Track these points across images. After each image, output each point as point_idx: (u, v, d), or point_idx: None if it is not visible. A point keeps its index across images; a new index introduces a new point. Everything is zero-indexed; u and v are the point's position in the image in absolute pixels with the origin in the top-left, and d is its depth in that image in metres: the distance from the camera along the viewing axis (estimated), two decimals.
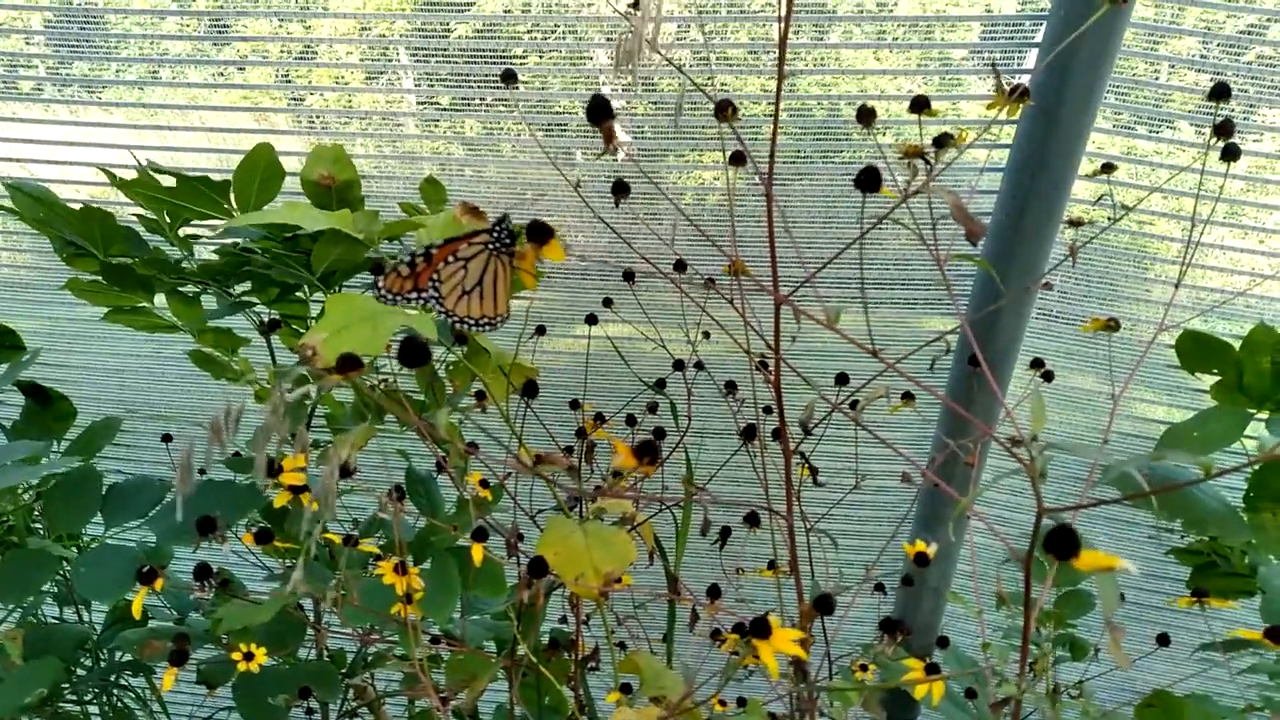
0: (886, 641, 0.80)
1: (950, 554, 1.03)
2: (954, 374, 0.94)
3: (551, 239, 0.51)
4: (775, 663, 0.56)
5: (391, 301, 0.62)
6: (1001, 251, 0.81)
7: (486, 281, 0.60)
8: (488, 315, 0.62)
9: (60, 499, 0.93)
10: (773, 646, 0.56)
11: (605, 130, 0.47)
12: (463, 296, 0.61)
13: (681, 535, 0.96)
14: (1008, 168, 0.87)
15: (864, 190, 0.47)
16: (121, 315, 1.03)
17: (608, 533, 0.83)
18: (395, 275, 0.61)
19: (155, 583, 0.69)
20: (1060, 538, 0.39)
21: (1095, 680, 0.97)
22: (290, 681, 1.00)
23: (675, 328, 0.96)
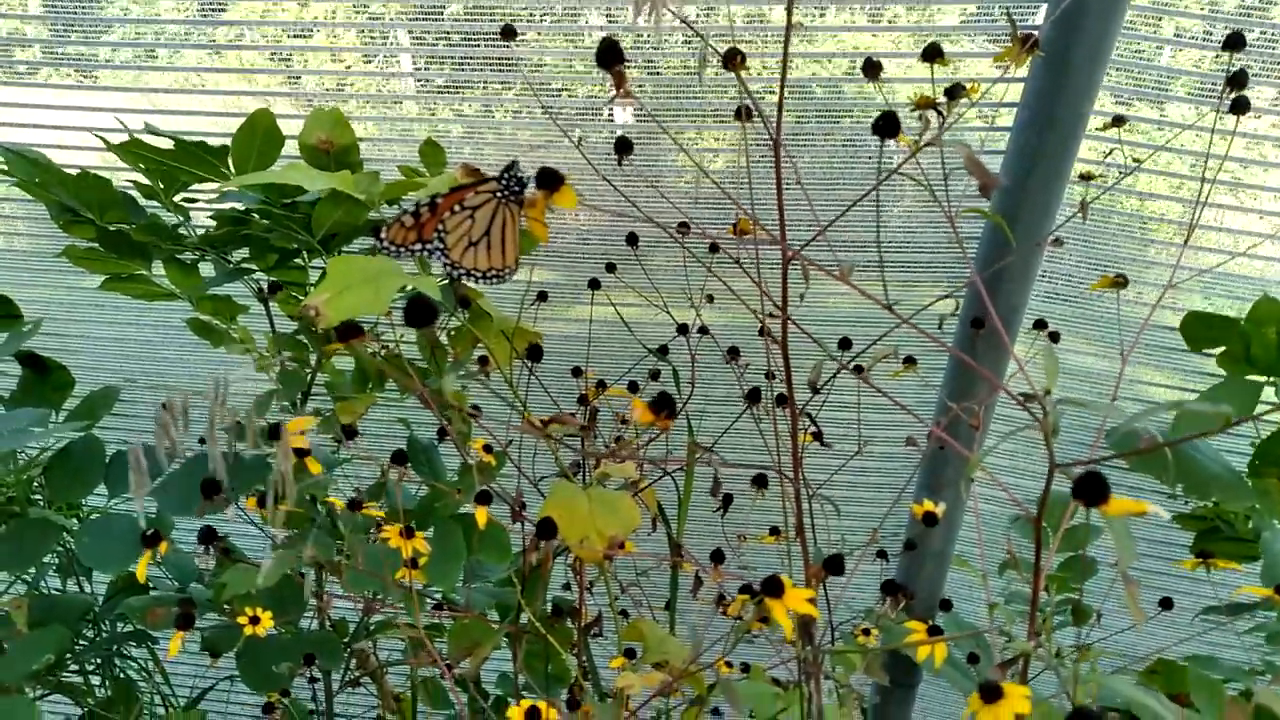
0: (889, 604, 0.80)
1: (953, 520, 1.03)
2: (958, 337, 0.93)
3: (562, 185, 0.50)
4: (788, 621, 0.56)
5: (395, 254, 0.61)
6: (1007, 213, 0.80)
7: (494, 232, 0.59)
8: (495, 267, 0.60)
9: (62, 469, 0.92)
10: (785, 605, 0.56)
11: (616, 75, 0.46)
12: (469, 248, 0.59)
13: (684, 501, 0.96)
14: (1015, 127, 0.86)
15: (883, 136, 0.46)
16: (119, 283, 1.02)
17: (612, 497, 0.83)
18: (398, 226, 0.59)
19: (160, 546, 0.69)
20: (1089, 484, 0.39)
21: (1096, 645, 0.97)
22: (293, 650, 1.00)
23: (679, 293, 0.96)
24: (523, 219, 0.58)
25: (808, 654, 0.76)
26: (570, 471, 0.94)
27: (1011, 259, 0.82)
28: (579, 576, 0.98)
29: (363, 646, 1.04)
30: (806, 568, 0.66)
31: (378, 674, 1.19)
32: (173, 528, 1.13)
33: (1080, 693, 0.63)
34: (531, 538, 0.65)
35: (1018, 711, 0.48)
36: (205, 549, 0.68)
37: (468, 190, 0.58)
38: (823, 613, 1.01)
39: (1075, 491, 0.39)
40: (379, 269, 0.70)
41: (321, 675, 1.11)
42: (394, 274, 0.71)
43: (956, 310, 0.88)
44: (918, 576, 1.05)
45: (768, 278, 0.64)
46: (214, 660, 1.04)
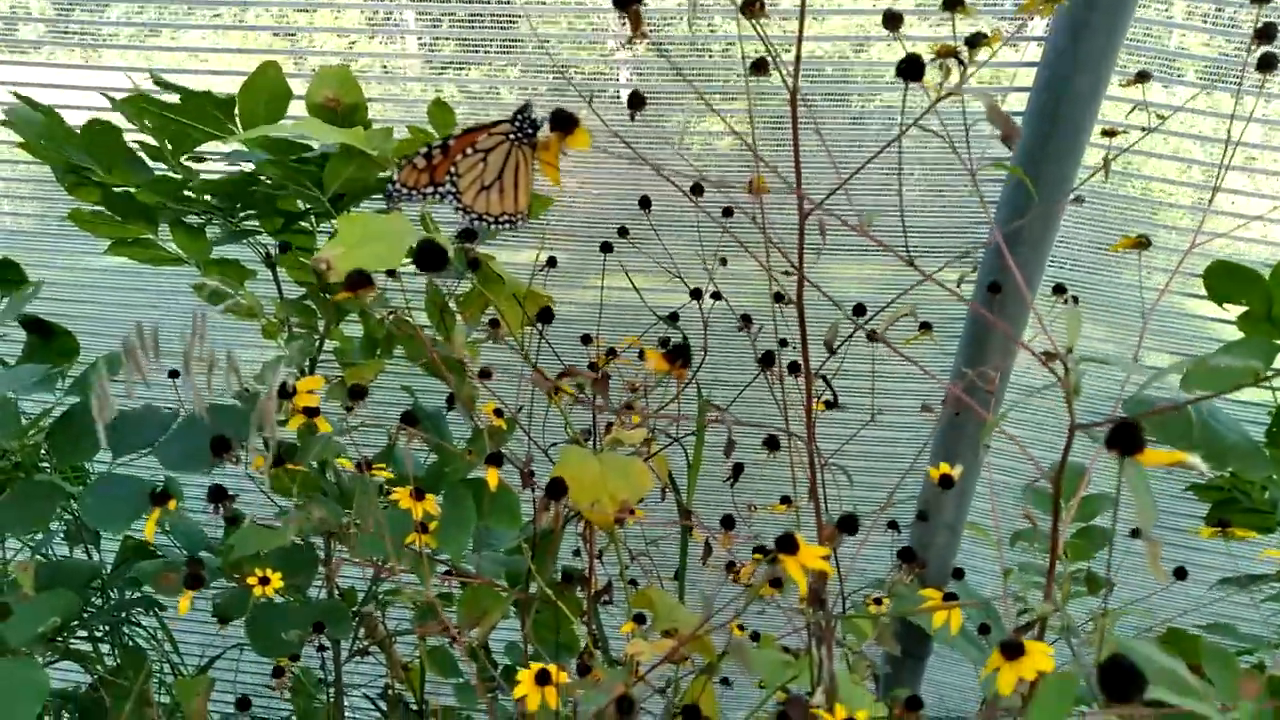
0: (903, 570, 0.79)
1: (966, 491, 1.02)
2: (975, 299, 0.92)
3: (577, 127, 0.49)
4: (803, 577, 0.55)
5: (406, 197, 0.60)
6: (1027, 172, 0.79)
7: (507, 175, 0.57)
8: (508, 212, 0.59)
9: (66, 432, 0.92)
10: (800, 562, 0.55)
11: (632, 15, 0.45)
12: (481, 192, 0.58)
13: (694, 468, 0.95)
14: (1034, 87, 0.85)
15: (907, 79, 0.45)
16: (125, 248, 1.01)
17: (623, 462, 0.82)
18: (410, 168, 0.58)
19: (169, 504, 0.68)
20: (1123, 433, 0.38)
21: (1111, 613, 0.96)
22: (302, 617, 1.00)
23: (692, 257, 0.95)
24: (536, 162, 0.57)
25: (820, 618, 0.75)
26: (580, 438, 0.94)
27: (1031, 217, 0.80)
28: (588, 545, 0.97)
29: (370, 611, 1.03)
30: (819, 529, 0.65)
31: (386, 643, 1.18)
32: (182, 497, 1.13)
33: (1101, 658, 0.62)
34: (542, 498, 0.64)
35: (1040, 669, 0.47)
36: (215, 508, 0.68)
37: (480, 132, 0.57)
38: (834, 582, 1.01)
39: (1109, 442, 0.38)
40: (391, 225, 0.69)
41: (330, 644, 1.11)
42: (406, 230, 0.70)
43: (974, 271, 0.87)
44: (930, 547, 1.05)
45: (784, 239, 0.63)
46: (223, 626, 1.04)
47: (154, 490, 0.68)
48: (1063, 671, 0.47)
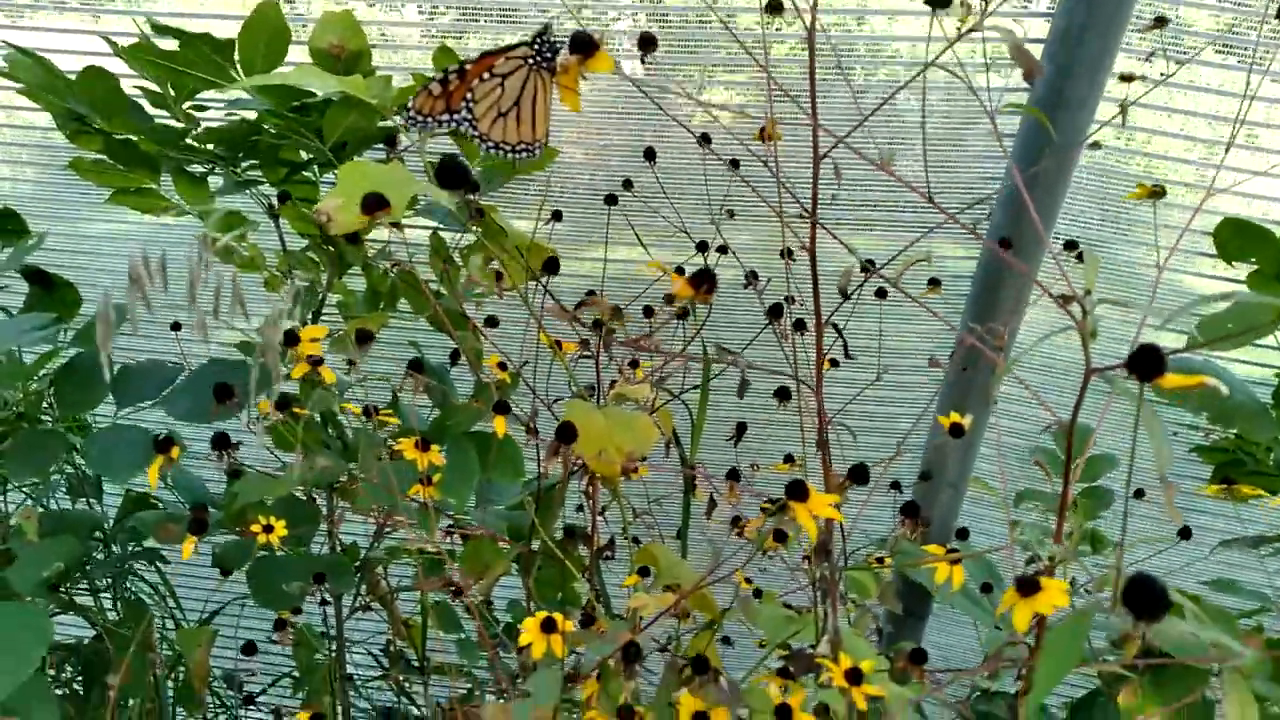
0: (907, 526, 0.79)
1: (970, 449, 1.02)
2: (986, 255, 0.91)
3: (597, 51, 0.48)
4: (813, 524, 0.55)
5: (422, 125, 0.58)
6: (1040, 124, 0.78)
7: (524, 102, 0.56)
8: (525, 140, 0.58)
9: (69, 381, 0.91)
10: (810, 509, 0.55)
11: None
12: (498, 119, 0.57)
13: (699, 422, 0.95)
14: (1048, 39, 0.84)
15: (934, 6, 0.44)
16: (127, 197, 1.00)
17: (628, 415, 0.81)
18: (425, 94, 0.57)
19: (172, 451, 0.68)
20: (1145, 357, 0.37)
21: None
22: (304, 570, 1.00)
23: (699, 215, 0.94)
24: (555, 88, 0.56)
25: (826, 570, 0.75)
26: (585, 393, 0.93)
27: (1046, 164, 0.79)
28: (592, 500, 0.97)
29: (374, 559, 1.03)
30: (827, 479, 0.65)
31: (388, 599, 1.19)
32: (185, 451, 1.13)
33: None
34: (551, 442, 0.64)
35: (1056, 604, 0.47)
36: (219, 455, 0.67)
37: (498, 56, 0.55)
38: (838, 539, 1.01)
39: (1130, 365, 0.38)
40: (392, 175, 0.68)
41: (332, 600, 1.11)
42: (407, 180, 0.69)
43: (988, 217, 0.86)
44: (933, 507, 1.05)
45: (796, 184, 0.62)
46: (224, 577, 1.04)
47: (157, 437, 0.68)
48: (1078, 611, 0.47)
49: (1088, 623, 0.47)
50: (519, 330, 0.94)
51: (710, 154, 0.69)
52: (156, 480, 0.68)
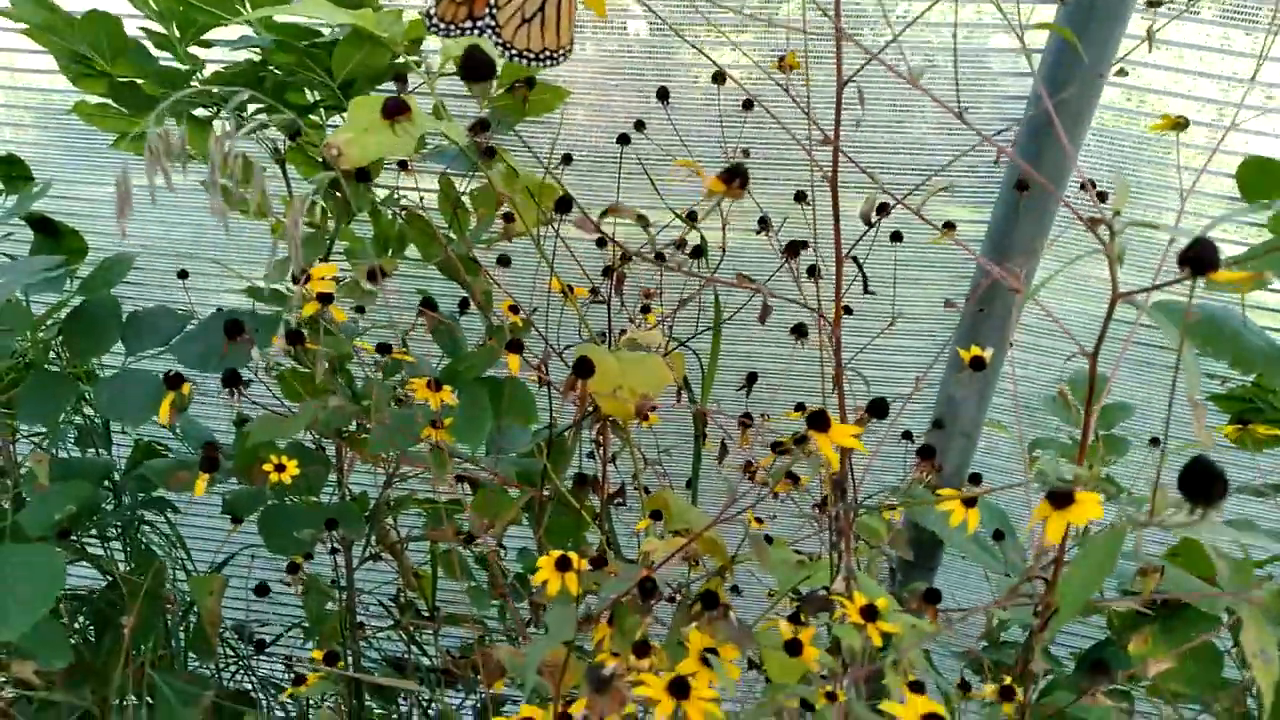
0: (922, 468, 0.79)
1: (984, 396, 1.01)
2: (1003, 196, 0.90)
3: None
4: (834, 454, 0.54)
5: (445, 33, 0.57)
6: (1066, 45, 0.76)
7: (549, 8, 0.55)
8: (549, 48, 0.56)
9: (79, 326, 0.91)
10: (831, 439, 0.54)
11: None
12: (522, 25, 0.55)
13: (710, 369, 0.94)
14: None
15: None
16: (131, 143, 0.99)
17: (640, 357, 0.81)
18: (448, 1, 0.56)
19: (183, 388, 0.67)
20: (1200, 251, 0.36)
21: None
22: (314, 517, 1.00)
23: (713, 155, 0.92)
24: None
25: (841, 509, 0.75)
26: (597, 339, 0.92)
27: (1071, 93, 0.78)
28: (603, 447, 0.97)
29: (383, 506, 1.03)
30: (842, 413, 0.64)
31: (397, 549, 1.19)
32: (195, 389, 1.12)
33: None
34: (568, 378, 0.63)
35: (1091, 517, 0.46)
36: (230, 392, 0.67)
37: None
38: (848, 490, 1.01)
39: (1183, 260, 0.37)
40: None
41: (342, 549, 1.11)
42: (417, 115, 0.68)
43: (1014, 143, 0.85)
44: (945, 456, 1.04)
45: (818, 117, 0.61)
46: (235, 525, 1.04)
47: (168, 374, 0.67)
48: (1113, 524, 0.46)
49: (1123, 534, 0.46)
50: (529, 279, 0.93)
51: (728, 94, 0.68)
52: (168, 419, 0.67)
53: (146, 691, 0.97)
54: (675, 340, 0.99)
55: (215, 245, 1.22)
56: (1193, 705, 1.04)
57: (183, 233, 1.26)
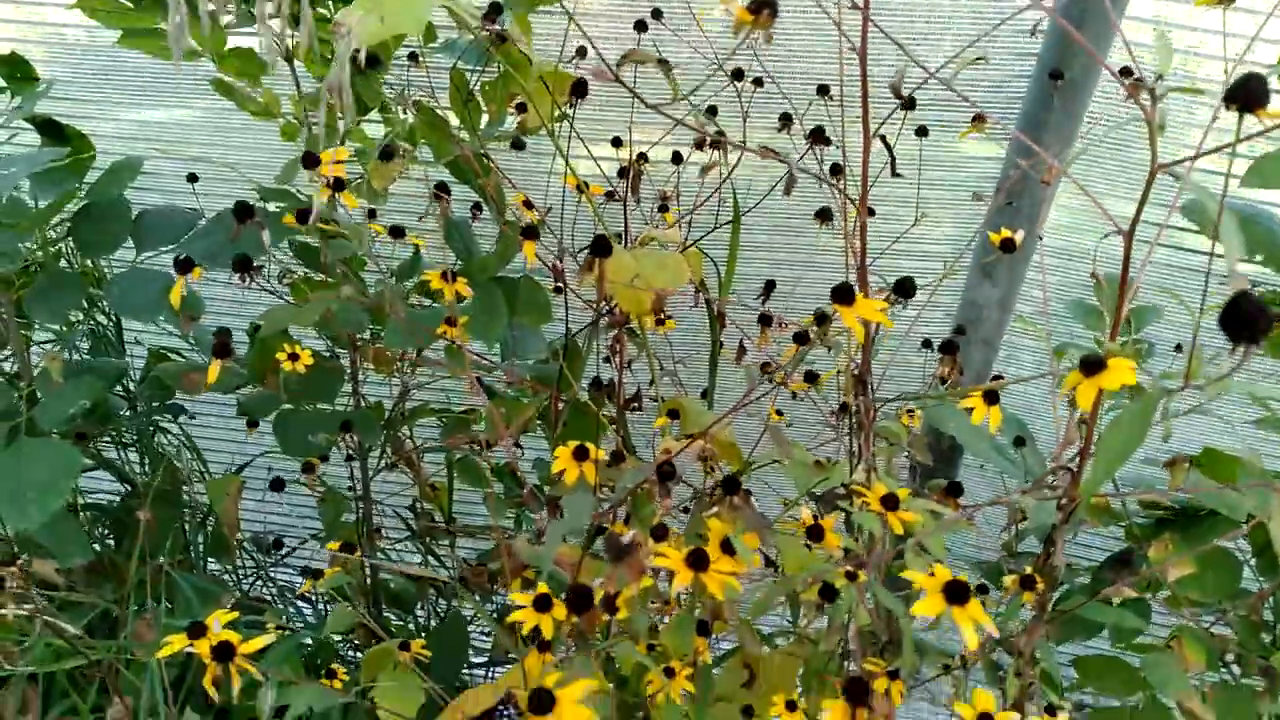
0: (945, 364, 0.77)
1: (1007, 303, 0.99)
2: (1034, 91, 0.87)
3: None
4: (860, 328, 0.53)
5: None
6: None
7: None
8: None
9: (89, 223, 0.89)
10: (856, 312, 0.52)
11: None
12: None
13: (729, 268, 0.92)
14: None
15: None
16: (138, 39, 0.96)
17: (658, 254, 0.79)
18: None
19: (194, 272, 0.66)
20: (1249, 85, 0.34)
21: None
22: (330, 421, 0.99)
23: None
24: None
25: (862, 404, 0.74)
26: (613, 239, 0.91)
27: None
28: (619, 352, 0.96)
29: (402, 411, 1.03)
30: (863, 287, 0.62)
31: (413, 459, 1.19)
32: (203, 308, 1.11)
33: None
34: (586, 259, 0.61)
35: (1124, 381, 0.45)
36: (241, 276, 0.66)
37: None
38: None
39: (1230, 97, 0.35)
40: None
41: (358, 457, 1.11)
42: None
43: (1038, 30, 0.82)
44: (966, 362, 1.03)
45: None
46: (251, 429, 1.04)
47: (178, 259, 0.66)
48: (1147, 393, 0.45)
49: (1159, 397, 0.45)
50: (541, 182, 0.91)
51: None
52: (178, 304, 0.66)
53: (165, 593, 0.98)
54: (694, 239, 0.97)
55: (228, 146, 1.20)
56: (1210, 615, 1.03)
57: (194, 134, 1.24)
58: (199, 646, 0.61)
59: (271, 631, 0.63)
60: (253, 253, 0.67)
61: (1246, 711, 0.97)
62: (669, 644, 0.76)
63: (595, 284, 0.61)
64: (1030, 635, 0.76)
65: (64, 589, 0.95)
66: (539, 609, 0.56)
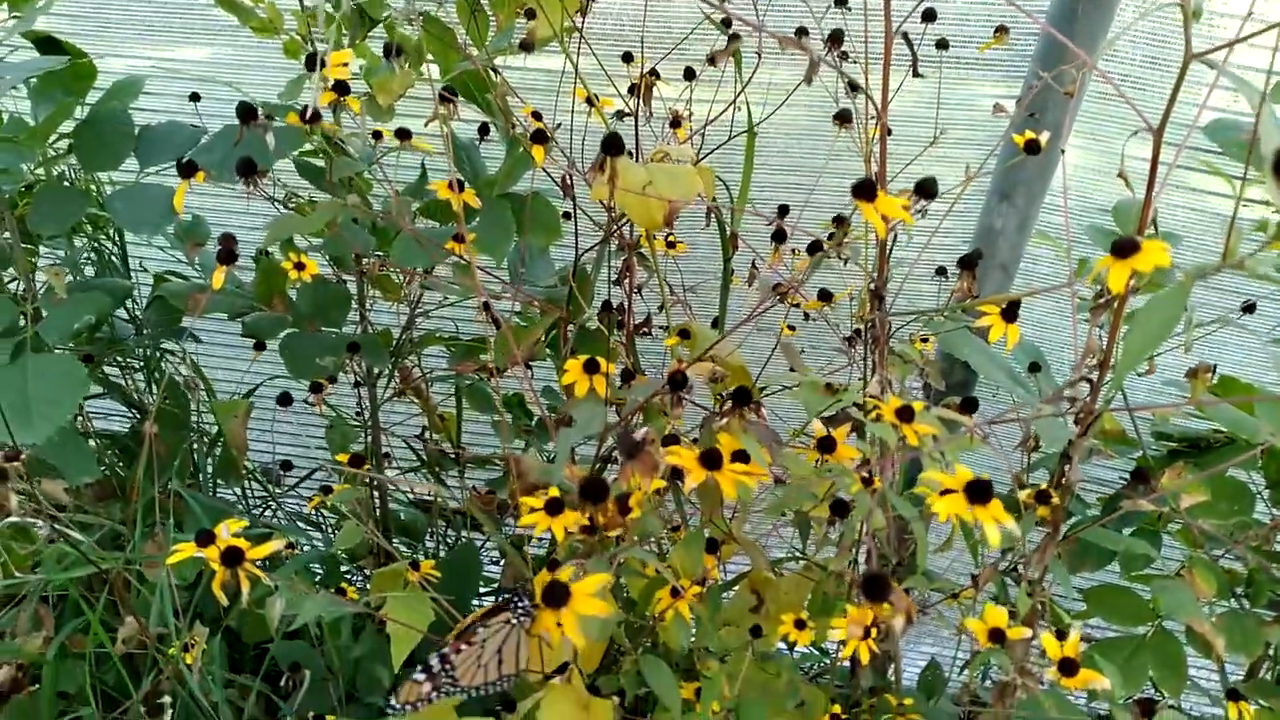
0: (964, 278, 0.76)
1: (1024, 227, 0.97)
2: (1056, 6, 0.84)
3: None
4: (882, 224, 0.51)
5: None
6: None
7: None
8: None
9: (91, 137, 0.88)
10: (878, 208, 0.51)
11: None
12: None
13: (744, 186, 0.91)
14: None
15: None
16: None
17: (670, 167, 0.77)
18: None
19: (197, 175, 0.65)
20: None
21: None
22: (337, 344, 0.99)
23: None
24: None
25: (876, 318, 0.72)
26: None
27: None
28: (629, 274, 0.94)
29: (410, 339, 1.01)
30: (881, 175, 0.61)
31: (421, 388, 1.18)
32: (210, 234, 1.10)
33: None
34: (597, 157, 0.60)
35: (1157, 264, 0.44)
36: (245, 180, 0.64)
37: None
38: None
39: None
40: None
41: (366, 384, 1.10)
42: None
43: None
44: (982, 288, 1.01)
45: None
46: (257, 352, 1.03)
47: (180, 160, 0.64)
48: (1180, 280, 0.44)
49: (1190, 285, 0.44)
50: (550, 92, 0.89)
51: None
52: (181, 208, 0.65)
53: (174, 516, 0.98)
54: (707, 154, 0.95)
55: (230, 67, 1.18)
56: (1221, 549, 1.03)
57: None
58: (208, 552, 0.61)
59: (280, 539, 0.62)
60: (257, 157, 0.65)
61: (1254, 639, 0.97)
62: (678, 563, 0.76)
63: (606, 186, 0.59)
64: (1043, 553, 0.75)
65: (72, 510, 0.95)
66: (550, 513, 0.56)
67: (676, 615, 0.75)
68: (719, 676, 0.83)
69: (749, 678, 0.87)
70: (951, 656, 1.23)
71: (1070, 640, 0.69)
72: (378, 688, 0.93)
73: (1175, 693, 1.00)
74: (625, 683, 0.82)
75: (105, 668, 0.97)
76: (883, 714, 0.93)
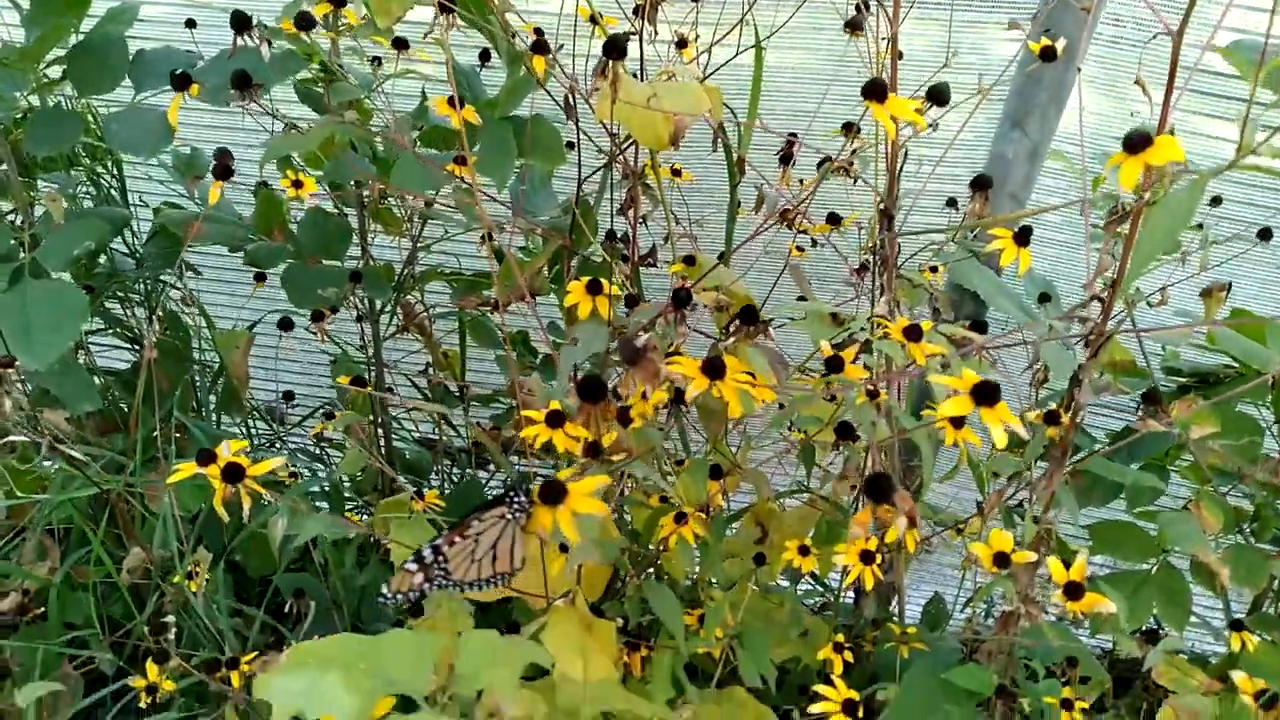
0: (977, 200, 0.74)
1: (1036, 155, 0.95)
2: None
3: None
4: (892, 125, 0.50)
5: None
6: None
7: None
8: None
9: (87, 61, 0.86)
10: (889, 109, 0.49)
11: None
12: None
13: (752, 108, 0.89)
14: None
15: None
16: None
17: (676, 84, 0.75)
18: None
19: (191, 89, 0.64)
20: None
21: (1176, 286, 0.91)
22: (338, 275, 0.98)
23: None
24: None
25: (886, 239, 0.71)
26: None
27: None
28: (634, 205, 0.93)
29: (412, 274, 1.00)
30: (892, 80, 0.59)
31: (425, 325, 1.17)
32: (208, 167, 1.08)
33: None
34: (599, 61, 0.58)
35: (1171, 158, 0.42)
36: (239, 91, 0.63)
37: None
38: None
39: None
40: None
41: (369, 319, 1.10)
42: None
43: None
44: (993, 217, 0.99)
45: None
46: (259, 283, 1.02)
47: (173, 72, 0.63)
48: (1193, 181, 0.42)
49: (1206, 181, 0.42)
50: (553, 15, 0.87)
51: None
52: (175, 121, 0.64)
53: (176, 447, 0.98)
54: None
55: None
56: (1227, 485, 1.02)
57: None
58: (209, 470, 0.60)
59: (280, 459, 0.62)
60: (252, 69, 0.63)
61: (1259, 572, 0.97)
62: (682, 490, 0.75)
63: (609, 93, 0.57)
64: (1050, 478, 0.75)
65: (74, 440, 0.95)
66: (551, 425, 0.55)
67: (681, 541, 0.74)
68: (722, 604, 0.83)
69: (752, 607, 0.87)
70: (955, 595, 1.23)
71: (1076, 564, 0.69)
72: (383, 617, 0.93)
73: (1179, 627, 1.00)
74: (629, 608, 0.82)
75: (112, 599, 0.97)
76: (885, 644, 0.94)
